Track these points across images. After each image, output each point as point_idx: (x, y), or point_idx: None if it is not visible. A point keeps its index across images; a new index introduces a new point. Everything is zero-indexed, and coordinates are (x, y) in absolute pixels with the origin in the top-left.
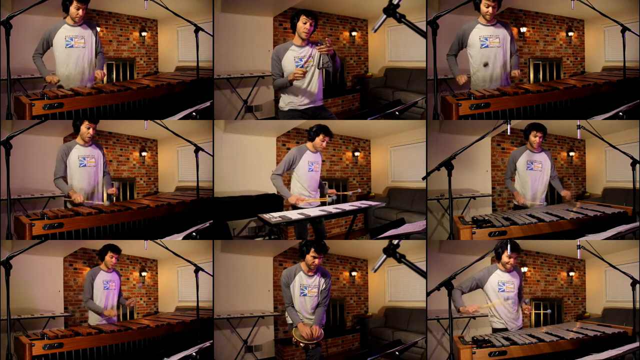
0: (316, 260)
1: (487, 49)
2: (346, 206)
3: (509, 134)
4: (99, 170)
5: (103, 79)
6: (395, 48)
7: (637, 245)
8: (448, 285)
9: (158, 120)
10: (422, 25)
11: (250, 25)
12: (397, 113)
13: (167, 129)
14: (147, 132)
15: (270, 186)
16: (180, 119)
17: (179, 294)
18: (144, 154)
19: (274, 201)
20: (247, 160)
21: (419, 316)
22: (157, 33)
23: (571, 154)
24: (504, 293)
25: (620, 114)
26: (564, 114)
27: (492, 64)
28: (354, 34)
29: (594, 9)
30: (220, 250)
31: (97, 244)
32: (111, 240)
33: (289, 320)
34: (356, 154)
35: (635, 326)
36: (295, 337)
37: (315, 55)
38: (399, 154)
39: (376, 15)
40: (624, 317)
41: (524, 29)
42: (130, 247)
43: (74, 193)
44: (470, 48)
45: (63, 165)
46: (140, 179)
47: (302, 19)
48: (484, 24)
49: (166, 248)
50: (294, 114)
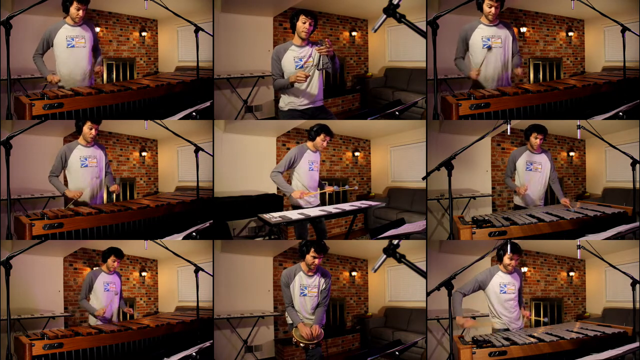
0: (316, 260)
1: (488, 50)
2: (346, 206)
3: (509, 134)
4: (101, 170)
5: (101, 71)
6: (395, 48)
7: (637, 245)
8: (448, 285)
9: (158, 120)
10: (422, 25)
11: (250, 25)
12: (397, 113)
13: (167, 129)
14: (147, 132)
15: (270, 186)
16: (180, 119)
17: (179, 294)
18: (144, 154)
19: (274, 201)
20: (247, 160)
21: (419, 316)
22: (157, 33)
23: (571, 154)
24: (505, 295)
25: (620, 114)
26: (564, 114)
27: (493, 63)
28: (354, 34)
29: (594, 9)
30: (220, 250)
31: (97, 244)
32: (112, 241)
33: (289, 321)
34: (356, 154)
35: (635, 326)
36: (295, 337)
37: (315, 55)
38: (399, 154)
39: (376, 15)
40: (624, 317)
41: (524, 29)
42: (130, 247)
43: (70, 192)
44: (472, 48)
45: (61, 165)
46: (140, 179)
47: (302, 18)
48: (487, 24)
49: (166, 248)
50: (294, 114)
